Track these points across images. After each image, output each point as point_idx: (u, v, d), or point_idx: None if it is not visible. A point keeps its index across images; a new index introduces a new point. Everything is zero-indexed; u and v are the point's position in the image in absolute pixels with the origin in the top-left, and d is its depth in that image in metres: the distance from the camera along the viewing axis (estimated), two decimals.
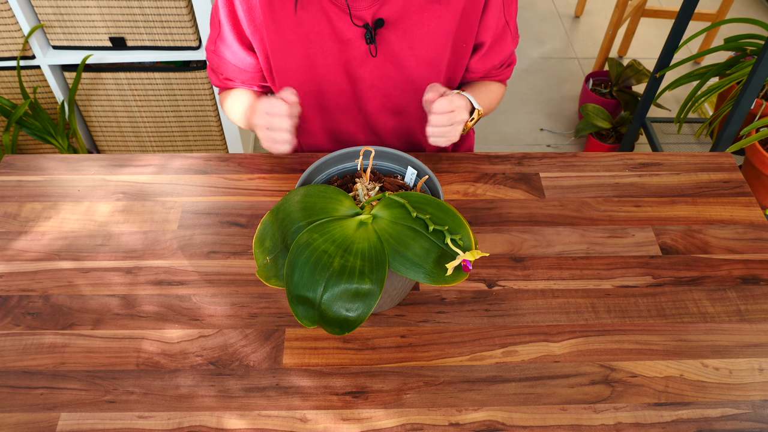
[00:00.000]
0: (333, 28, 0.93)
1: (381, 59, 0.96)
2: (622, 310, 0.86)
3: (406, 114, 1.04)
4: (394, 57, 0.96)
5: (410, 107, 1.03)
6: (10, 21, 1.65)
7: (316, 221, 0.71)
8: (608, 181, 1.03)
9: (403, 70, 0.97)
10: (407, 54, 0.95)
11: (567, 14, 3.03)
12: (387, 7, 0.91)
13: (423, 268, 0.68)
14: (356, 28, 0.92)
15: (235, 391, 0.77)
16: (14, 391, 0.77)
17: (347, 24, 0.92)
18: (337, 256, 0.68)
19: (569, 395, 0.77)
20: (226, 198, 0.99)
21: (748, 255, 0.93)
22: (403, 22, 0.92)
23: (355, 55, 0.95)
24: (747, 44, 1.93)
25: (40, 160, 1.05)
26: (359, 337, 0.82)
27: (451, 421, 0.75)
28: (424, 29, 0.93)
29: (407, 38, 0.94)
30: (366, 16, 0.91)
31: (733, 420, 0.75)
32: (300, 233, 0.69)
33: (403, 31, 0.93)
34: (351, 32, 0.93)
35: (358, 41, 0.94)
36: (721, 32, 2.81)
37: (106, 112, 1.91)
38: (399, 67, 0.97)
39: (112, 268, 0.89)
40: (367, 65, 0.97)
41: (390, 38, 0.94)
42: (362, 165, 0.86)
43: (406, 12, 0.91)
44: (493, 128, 2.45)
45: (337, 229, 0.71)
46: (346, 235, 0.70)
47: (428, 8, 0.91)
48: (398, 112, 1.04)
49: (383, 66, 0.97)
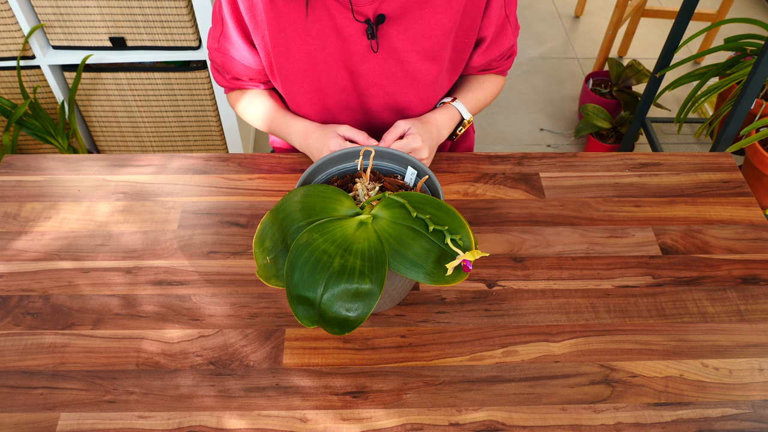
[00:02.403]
0: (334, 23, 0.93)
1: (382, 55, 0.96)
2: (622, 310, 0.86)
3: (407, 110, 1.04)
4: (395, 52, 0.96)
5: (411, 103, 1.03)
6: (10, 21, 1.65)
7: (316, 221, 0.71)
8: (608, 181, 1.03)
9: (404, 65, 0.97)
10: (408, 49, 0.95)
11: (567, 14, 3.02)
12: (388, 2, 0.91)
13: (423, 268, 0.68)
14: (357, 24, 0.92)
15: (235, 391, 0.77)
16: (14, 391, 0.77)
17: (349, 19, 0.92)
18: (337, 256, 0.68)
19: (569, 395, 0.77)
20: (226, 198, 0.99)
21: (748, 255, 0.93)
22: (404, 17, 0.92)
23: (357, 51, 0.95)
24: (747, 44, 1.93)
25: (40, 160, 1.05)
26: (359, 337, 0.82)
27: (451, 421, 0.75)
28: (425, 24, 0.93)
29: (408, 34, 0.94)
30: (368, 11, 0.91)
31: (733, 420, 0.75)
32: (300, 233, 0.69)
33: (404, 26, 0.93)
34: (352, 28, 0.93)
35: (359, 37, 0.94)
36: (721, 32, 2.81)
37: (106, 112, 1.91)
38: (400, 62, 0.97)
39: (112, 268, 0.89)
40: (369, 61, 0.97)
41: (391, 34, 0.94)
42: (362, 165, 0.86)
43: (408, 7, 0.91)
44: (493, 128, 2.45)
45: (337, 229, 0.71)
46: (346, 235, 0.70)
47: (429, 3, 0.91)
48: (399, 109, 1.04)
49: (384, 62, 0.97)
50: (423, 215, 0.71)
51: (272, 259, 0.72)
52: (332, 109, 1.03)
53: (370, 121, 1.06)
